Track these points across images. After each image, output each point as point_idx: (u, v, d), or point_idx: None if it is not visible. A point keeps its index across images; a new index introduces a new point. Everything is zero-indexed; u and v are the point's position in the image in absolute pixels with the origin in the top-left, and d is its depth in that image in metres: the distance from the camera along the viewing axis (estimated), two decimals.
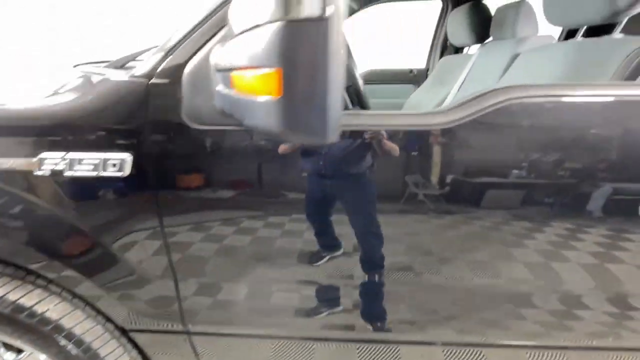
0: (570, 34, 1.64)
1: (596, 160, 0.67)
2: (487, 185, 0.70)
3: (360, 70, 2.57)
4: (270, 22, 0.39)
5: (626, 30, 1.71)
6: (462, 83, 1.78)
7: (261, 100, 0.43)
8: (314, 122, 0.42)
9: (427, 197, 0.70)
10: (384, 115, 0.70)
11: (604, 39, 1.00)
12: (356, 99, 1.10)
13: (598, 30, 1.17)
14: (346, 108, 1.16)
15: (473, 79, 1.72)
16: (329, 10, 0.39)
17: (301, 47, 0.39)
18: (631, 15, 0.92)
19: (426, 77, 2.35)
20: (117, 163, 0.70)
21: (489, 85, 1.52)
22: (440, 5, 2.34)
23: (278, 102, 0.42)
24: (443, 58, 2.24)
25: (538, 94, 0.66)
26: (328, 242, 0.77)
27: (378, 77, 2.57)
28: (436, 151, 0.69)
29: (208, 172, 0.72)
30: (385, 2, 2.23)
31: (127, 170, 0.70)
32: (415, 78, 2.52)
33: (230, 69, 0.51)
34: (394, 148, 0.69)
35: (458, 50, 2.29)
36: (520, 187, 0.70)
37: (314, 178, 0.73)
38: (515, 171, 0.68)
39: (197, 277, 0.82)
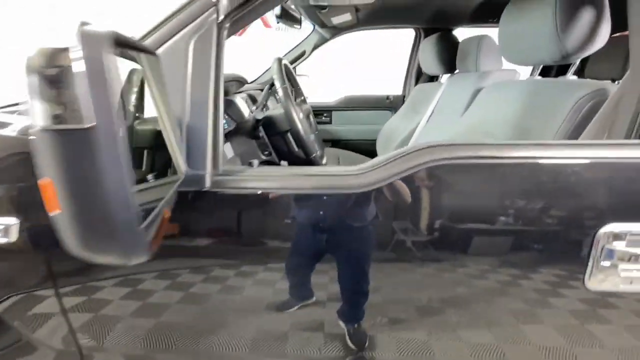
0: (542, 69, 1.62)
1: (527, 228, 0.61)
2: (408, 253, 0.63)
3: (336, 97, 2.58)
4: (35, 127, 0.33)
5: (593, 67, 1.69)
6: (431, 114, 1.74)
7: (50, 211, 0.36)
8: (106, 242, 0.36)
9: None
10: (292, 176, 0.63)
11: (558, 81, 0.96)
12: (299, 142, 1.05)
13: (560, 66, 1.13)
14: (290, 153, 1.10)
15: (441, 111, 1.68)
16: (89, 122, 0.32)
17: (67, 159, 0.33)
18: (582, 57, 0.88)
19: (403, 103, 2.33)
20: (1, 228, 0.62)
21: (454, 118, 1.48)
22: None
23: (60, 218, 0.35)
24: (417, 85, 2.22)
25: (463, 154, 0.59)
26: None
27: (354, 103, 2.54)
28: (352, 215, 0.63)
29: None
30: (358, 30, 2.21)
31: (13, 236, 0.63)
32: (392, 104, 2.49)
33: None
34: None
35: (433, 78, 2.27)
36: (442, 254, 0.63)
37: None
38: (439, 236, 0.62)
39: (106, 345, 0.74)
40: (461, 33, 1.96)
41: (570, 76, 0.98)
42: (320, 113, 2.54)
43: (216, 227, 0.65)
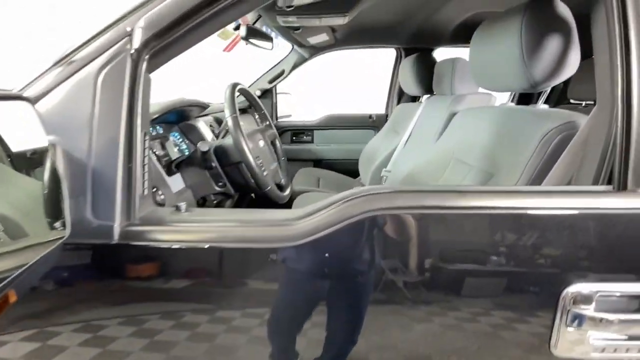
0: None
1: (481, 287, 0.53)
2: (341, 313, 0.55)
3: (317, 116, 2.53)
4: None
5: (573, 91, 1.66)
6: (409, 136, 1.69)
7: None
8: None
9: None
10: (217, 227, 0.54)
11: (527, 110, 0.90)
12: (252, 175, 0.97)
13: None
14: (246, 184, 1.02)
15: (418, 133, 1.63)
16: None
17: None
18: (552, 86, 0.83)
19: (386, 122, 2.29)
20: None
21: (429, 143, 1.43)
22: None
23: None
24: (399, 105, 2.18)
25: (405, 204, 0.52)
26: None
27: (336, 122, 2.49)
28: (274, 271, 0.55)
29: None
30: (338, 49, 2.18)
31: None
32: (375, 123, 2.45)
33: None
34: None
35: (414, 97, 2.23)
36: (388, 314, 0.55)
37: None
38: (382, 294, 0.54)
39: None
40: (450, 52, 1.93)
41: (541, 105, 0.92)
42: (302, 132, 2.49)
43: (126, 284, 0.56)
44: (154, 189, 0.85)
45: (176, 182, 0.97)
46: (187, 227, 0.55)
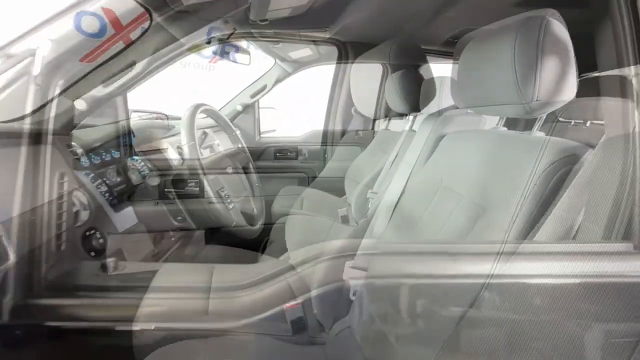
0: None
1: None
2: None
3: (302, 132, 2.44)
4: None
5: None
6: (395, 157, 1.60)
7: None
8: None
9: None
10: (134, 303, 0.43)
11: (523, 138, 0.82)
12: (211, 211, 0.86)
13: None
14: (209, 219, 0.91)
15: (404, 155, 1.54)
16: None
17: None
18: (549, 112, 0.74)
19: (373, 139, 2.21)
20: None
21: (417, 166, 1.34)
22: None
23: None
24: (386, 122, 2.10)
25: (381, 272, 0.41)
26: None
27: (322, 139, 2.40)
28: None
29: None
30: (322, 64, 2.10)
31: None
32: (361, 140, 2.36)
33: None
34: None
35: (402, 114, 2.16)
36: None
37: None
38: None
39: None
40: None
41: (536, 132, 0.84)
42: (286, 148, 2.39)
43: None
44: (91, 232, 0.73)
45: (126, 218, 0.84)
46: (103, 300, 0.43)
